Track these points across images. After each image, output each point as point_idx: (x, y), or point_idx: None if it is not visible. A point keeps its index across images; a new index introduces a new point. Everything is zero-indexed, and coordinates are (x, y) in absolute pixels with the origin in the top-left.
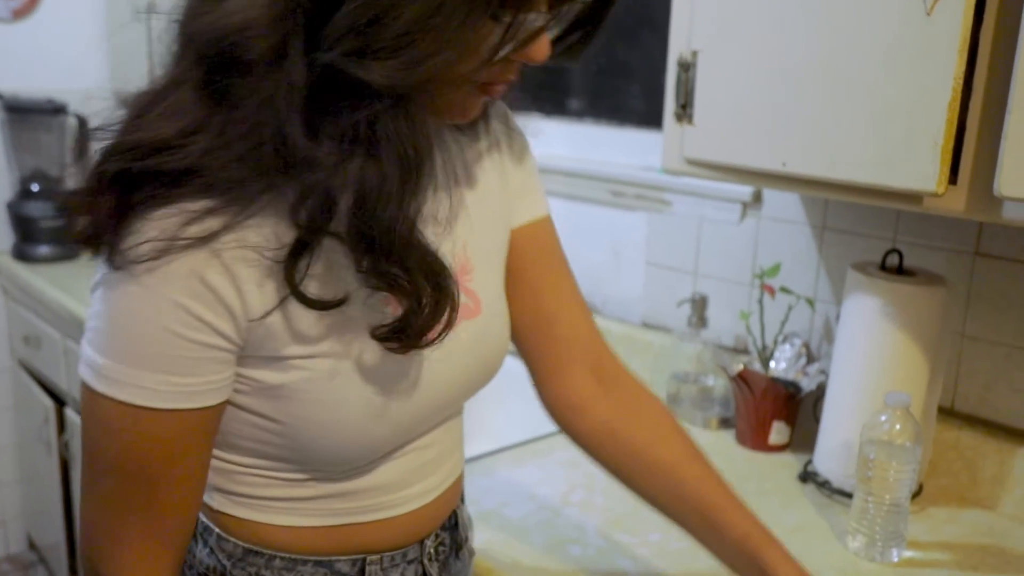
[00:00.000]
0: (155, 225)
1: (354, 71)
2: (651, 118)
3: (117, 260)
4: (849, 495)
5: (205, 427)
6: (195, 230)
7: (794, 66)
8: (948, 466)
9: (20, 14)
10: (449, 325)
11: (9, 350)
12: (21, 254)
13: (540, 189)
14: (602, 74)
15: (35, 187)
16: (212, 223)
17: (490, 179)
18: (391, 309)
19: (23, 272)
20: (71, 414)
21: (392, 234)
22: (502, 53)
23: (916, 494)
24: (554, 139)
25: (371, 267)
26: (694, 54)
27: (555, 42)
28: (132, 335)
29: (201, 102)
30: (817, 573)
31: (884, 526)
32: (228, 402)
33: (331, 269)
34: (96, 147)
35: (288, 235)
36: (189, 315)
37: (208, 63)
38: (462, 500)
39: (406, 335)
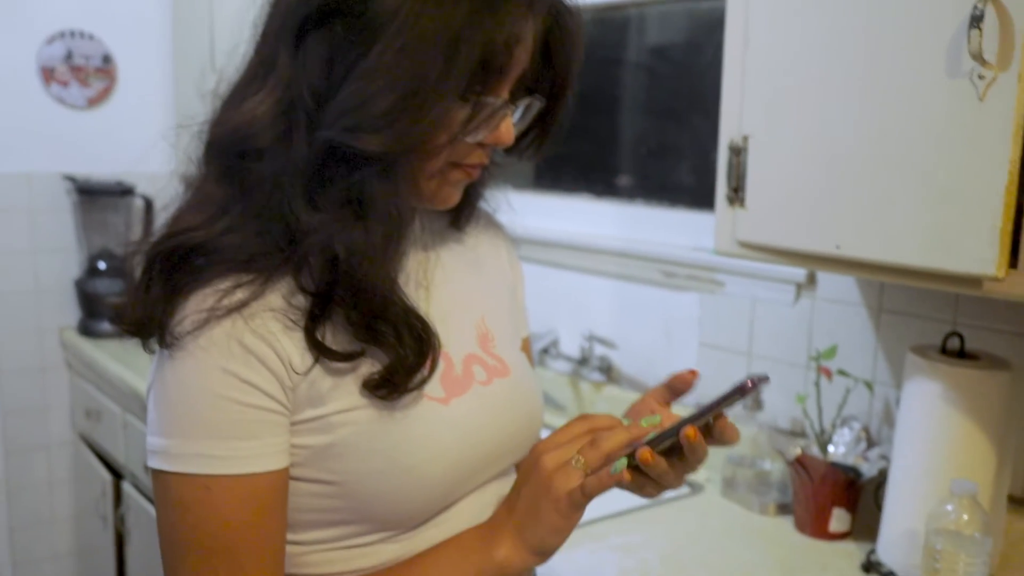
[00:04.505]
0: (193, 303)
1: (350, 142)
2: (701, 199)
3: (166, 339)
4: None
5: (274, 493)
6: (227, 302)
7: (846, 149)
8: (1022, 559)
9: (95, 102)
10: (431, 373)
11: (71, 423)
12: (86, 329)
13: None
14: (652, 155)
15: (102, 265)
16: (241, 295)
17: (500, 277)
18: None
19: (87, 347)
20: (128, 488)
21: (374, 288)
22: (471, 127)
23: None
24: (604, 219)
25: (359, 321)
26: (745, 139)
27: (519, 139)
28: (188, 407)
29: (222, 191)
30: None
31: None
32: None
33: (345, 325)
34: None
35: (303, 299)
36: (236, 379)
37: (226, 156)
38: None
39: (392, 383)
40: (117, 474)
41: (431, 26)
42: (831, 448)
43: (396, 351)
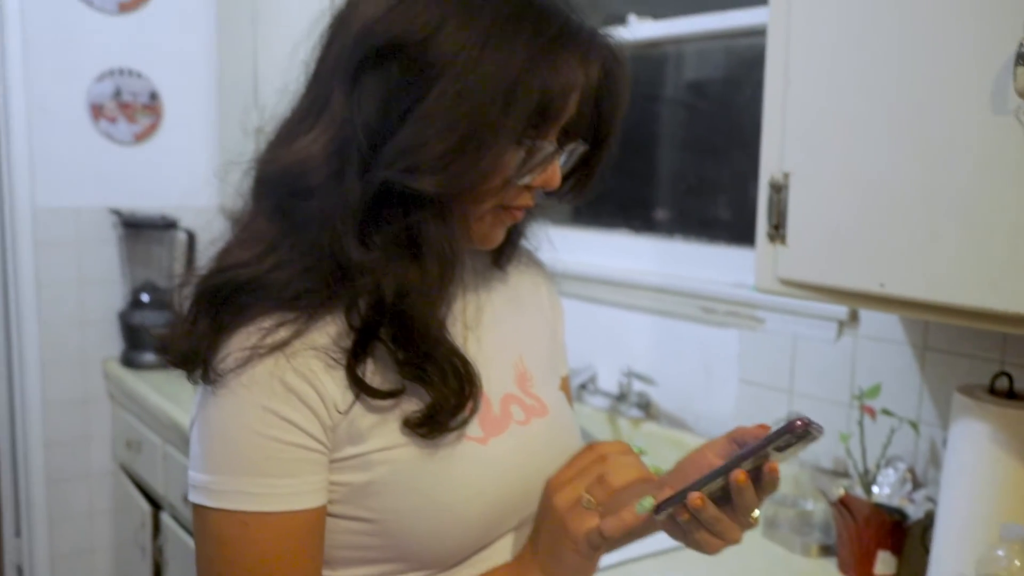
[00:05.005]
0: (237, 341)
1: (408, 182)
2: (741, 235)
3: (210, 375)
4: None
5: (310, 531)
6: (270, 340)
7: (890, 186)
8: None
9: (141, 138)
10: (472, 413)
11: (112, 454)
12: (128, 361)
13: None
14: (691, 191)
15: (145, 297)
16: (283, 333)
17: (539, 316)
18: None
19: (129, 378)
20: (167, 519)
21: (426, 327)
22: (524, 171)
23: None
24: (643, 255)
25: (406, 360)
26: (786, 176)
27: (563, 181)
28: (228, 444)
29: (272, 228)
30: None
31: None
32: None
33: (386, 362)
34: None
35: (347, 337)
36: (276, 417)
37: (276, 193)
38: None
39: (434, 422)
40: (156, 505)
41: (490, 71)
42: (875, 489)
43: (439, 391)
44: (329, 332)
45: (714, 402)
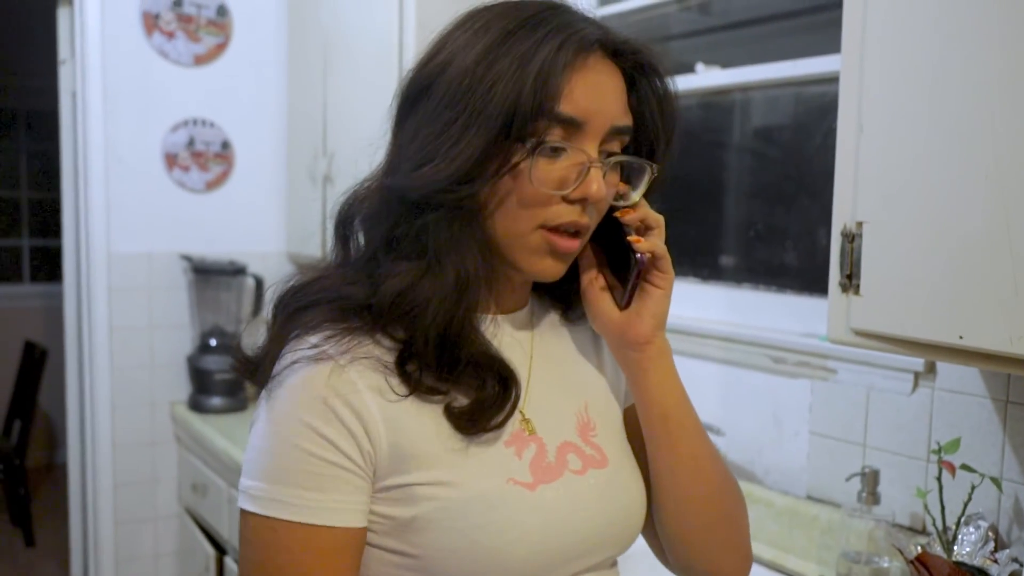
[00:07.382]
0: (289, 354)
1: (403, 182)
2: (811, 283)
3: (265, 382)
4: None
5: (339, 552)
6: (318, 354)
7: (969, 235)
8: None
9: (212, 185)
10: (511, 413)
11: (177, 497)
12: (196, 404)
13: None
14: (759, 239)
15: (213, 342)
16: (332, 348)
17: (600, 367)
18: (514, 449)
19: (196, 422)
20: (230, 563)
21: (447, 330)
22: (536, 175)
23: None
24: (710, 303)
25: (439, 359)
26: (859, 224)
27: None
28: (269, 452)
29: (334, 254)
30: None
31: None
32: (367, 544)
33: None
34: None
35: (389, 354)
36: (315, 433)
37: (339, 229)
38: None
39: (474, 417)
40: (221, 549)
41: (464, 71)
42: (955, 548)
43: (478, 392)
44: (377, 346)
45: (784, 454)
